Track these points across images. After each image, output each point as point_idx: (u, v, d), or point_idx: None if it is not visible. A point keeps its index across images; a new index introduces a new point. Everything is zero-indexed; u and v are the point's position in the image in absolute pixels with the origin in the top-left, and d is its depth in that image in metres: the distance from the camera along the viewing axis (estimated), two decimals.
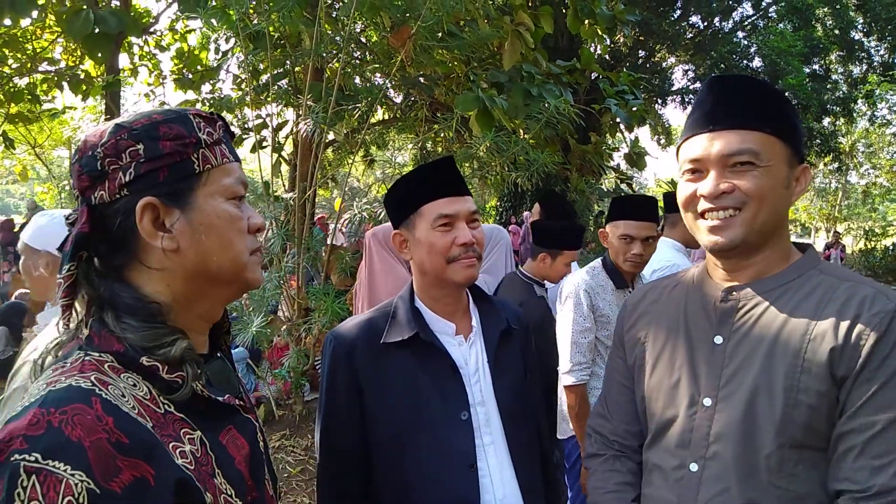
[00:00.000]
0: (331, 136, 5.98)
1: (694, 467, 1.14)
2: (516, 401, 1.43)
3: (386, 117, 10.04)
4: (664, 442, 1.21)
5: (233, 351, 4.06)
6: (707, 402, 1.14)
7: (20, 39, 8.98)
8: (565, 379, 2.49)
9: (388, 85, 6.71)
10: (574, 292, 2.52)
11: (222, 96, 8.31)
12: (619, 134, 10.87)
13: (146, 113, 0.88)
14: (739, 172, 1.09)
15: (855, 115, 19.95)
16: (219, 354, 0.98)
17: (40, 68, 9.63)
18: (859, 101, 19.61)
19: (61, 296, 0.82)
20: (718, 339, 1.16)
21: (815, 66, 18.16)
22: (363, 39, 7.18)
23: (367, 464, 1.34)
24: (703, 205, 1.13)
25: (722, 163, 1.10)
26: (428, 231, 1.37)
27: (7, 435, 0.67)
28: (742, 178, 1.09)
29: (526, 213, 12.97)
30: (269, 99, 6.01)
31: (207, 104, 8.73)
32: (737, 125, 1.09)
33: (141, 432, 0.74)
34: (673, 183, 12.19)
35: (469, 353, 1.42)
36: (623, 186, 12.38)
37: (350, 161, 6.92)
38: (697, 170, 1.14)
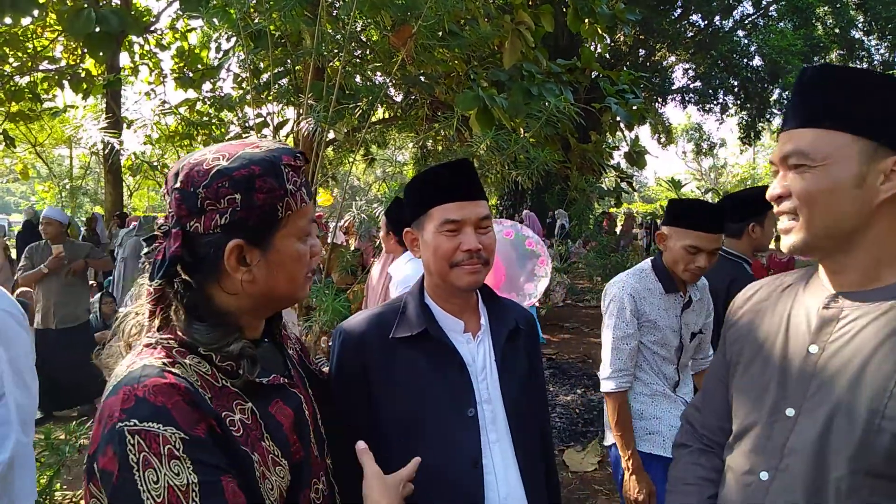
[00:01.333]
0: (331, 135, 5.99)
1: (764, 476, 1.11)
2: (522, 400, 1.44)
3: (386, 116, 10.04)
4: (741, 445, 1.19)
5: None
6: (790, 412, 1.10)
7: (21, 38, 8.97)
8: (604, 385, 2.40)
9: (389, 84, 6.71)
10: (618, 296, 2.41)
11: (223, 95, 8.31)
12: (619, 133, 10.87)
13: (245, 159, 0.98)
14: (795, 174, 1.06)
15: None
16: (266, 340, 1.14)
17: (41, 67, 9.62)
18: None
19: (149, 303, 0.99)
20: (813, 349, 1.09)
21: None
22: (364, 38, 7.19)
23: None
24: (775, 207, 1.12)
25: (783, 165, 1.09)
26: (434, 234, 1.38)
27: (108, 411, 0.87)
28: (795, 180, 1.06)
29: (525, 212, 12.99)
30: (269, 98, 6.01)
31: (208, 103, 8.73)
32: (796, 124, 1.07)
33: (202, 398, 0.92)
34: (672, 181, 12.18)
35: (477, 351, 1.42)
36: (623, 185, 12.38)
37: (350, 160, 6.93)
38: (776, 171, 1.13)
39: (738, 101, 19.22)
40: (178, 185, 0.97)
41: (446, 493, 1.31)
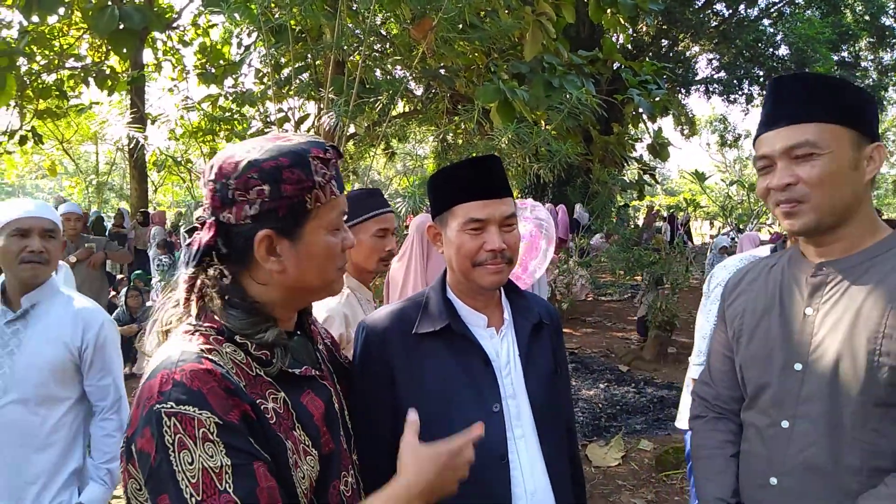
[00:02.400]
0: (352, 129, 6.00)
1: (785, 424, 1.26)
2: (546, 395, 1.42)
3: (407, 110, 10.04)
4: (759, 403, 1.34)
5: None
6: (797, 366, 1.26)
7: (48, 37, 9.12)
8: (695, 371, 2.29)
9: (409, 77, 6.70)
10: (726, 281, 2.33)
11: (245, 90, 8.36)
12: (641, 124, 10.76)
13: (274, 151, 1.01)
14: (802, 163, 1.21)
15: (885, 103, 19.48)
16: (298, 332, 1.16)
17: (67, 64, 9.76)
18: (890, 88, 19.13)
19: (185, 290, 1.02)
20: (809, 311, 1.27)
21: (844, 54, 17.76)
22: (384, 32, 7.18)
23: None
24: (775, 196, 1.25)
25: (786, 155, 1.23)
26: (458, 232, 1.36)
27: (147, 393, 0.90)
28: (804, 167, 1.21)
29: (548, 206, 12.90)
30: (290, 92, 6.05)
31: (230, 98, 8.80)
32: (795, 120, 1.22)
33: (238, 385, 0.95)
34: (696, 174, 12.02)
35: (500, 346, 1.41)
36: (646, 177, 12.25)
37: (371, 154, 6.94)
38: (768, 165, 1.27)
39: (764, 92, 18.89)
40: (212, 177, 1.02)
41: (473, 490, 1.30)
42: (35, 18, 6.24)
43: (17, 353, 1.92)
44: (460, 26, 4.98)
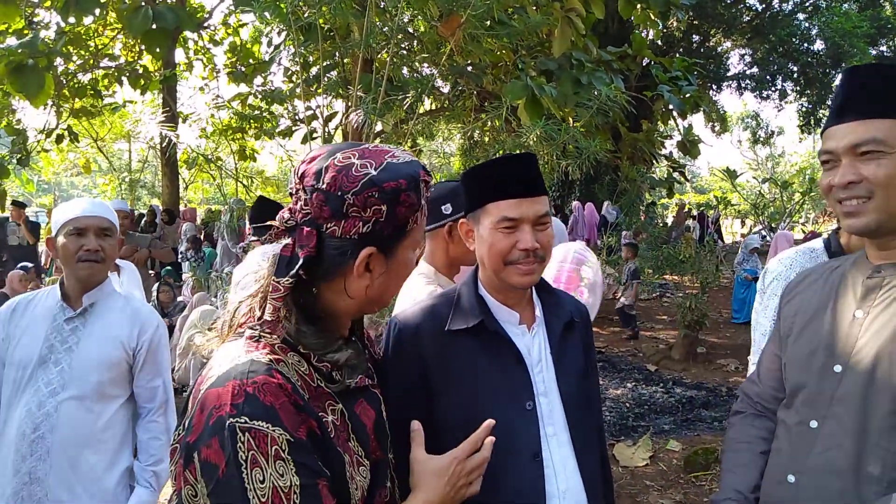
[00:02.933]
0: (379, 127, 6.02)
1: (813, 424, 1.25)
2: (578, 393, 1.41)
3: (434, 107, 10.05)
4: (795, 402, 1.32)
5: None
6: (837, 368, 1.23)
7: (83, 37, 9.31)
8: (753, 368, 2.15)
9: (437, 75, 6.71)
10: (784, 275, 2.06)
11: (273, 89, 8.46)
12: (671, 121, 10.61)
13: (392, 171, 1.00)
14: (867, 161, 1.17)
15: None
16: (353, 339, 1.15)
17: (102, 64, 9.96)
18: None
19: (276, 299, 0.98)
20: (859, 314, 1.24)
21: (883, 48, 17.27)
22: (411, 30, 7.19)
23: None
24: (837, 193, 1.22)
25: (850, 153, 1.19)
26: (490, 230, 1.35)
27: (215, 401, 0.88)
28: (869, 166, 1.17)
29: (575, 204, 12.81)
30: (319, 90, 6.10)
31: (259, 97, 8.90)
32: (863, 115, 1.18)
33: (304, 399, 0.94)
34: (728, 171, 11.82)
35: (532, 343, 1.40)
36: (675, 175, 12.09)
37: None
38: (832, 160, 1.23)
39: (798, 88, 18.48)
40: (323, 186, 0.97)
41: (507, 487, 1.30)
42: (72, 19, 6.38)
43: (75, 350, 1.95)
44: (488, 23, 4.96)
